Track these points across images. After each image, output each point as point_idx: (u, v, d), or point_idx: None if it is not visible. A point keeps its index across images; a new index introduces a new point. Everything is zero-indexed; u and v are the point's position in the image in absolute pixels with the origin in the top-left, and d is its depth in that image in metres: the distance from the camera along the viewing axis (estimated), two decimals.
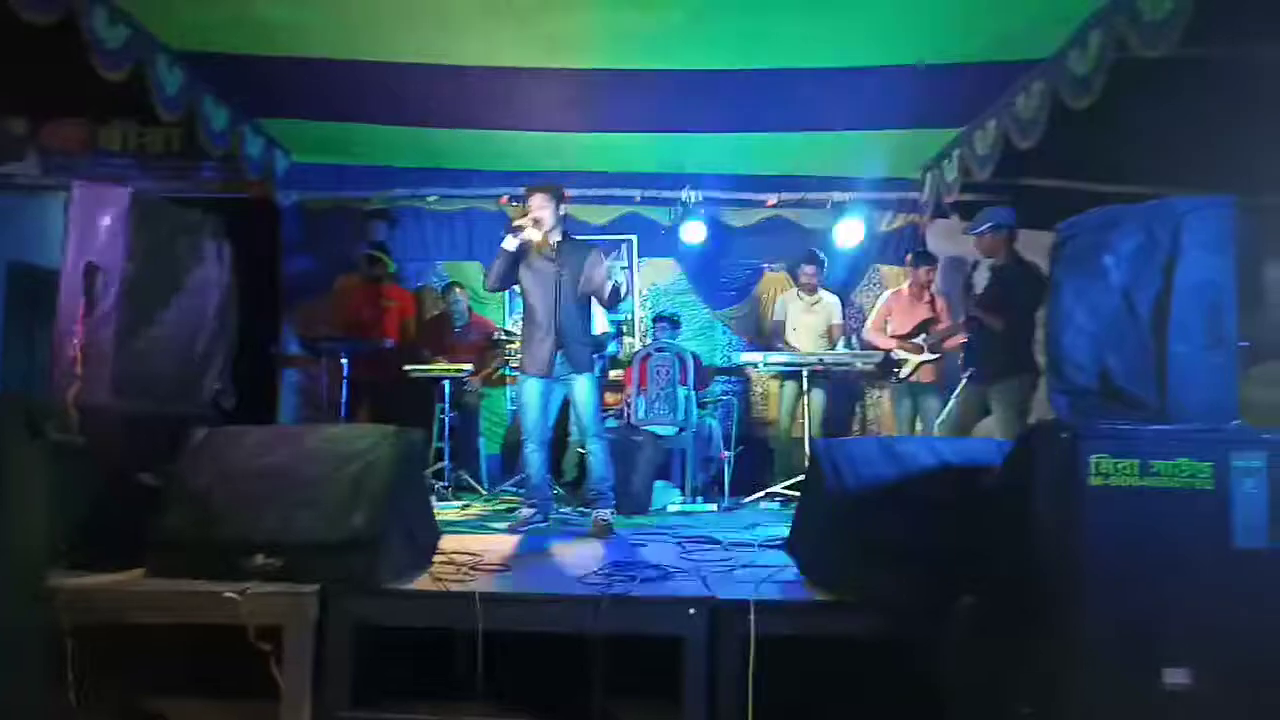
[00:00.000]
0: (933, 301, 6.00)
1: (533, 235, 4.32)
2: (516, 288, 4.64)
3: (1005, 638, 2.30)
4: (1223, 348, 2.59)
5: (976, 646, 2.39)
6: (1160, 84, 4.07)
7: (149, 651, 2.82)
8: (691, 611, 2.71)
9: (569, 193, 6.50)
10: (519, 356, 4.70)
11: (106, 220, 3.19)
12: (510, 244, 4.31)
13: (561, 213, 4.45)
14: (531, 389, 4.45)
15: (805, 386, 5.86)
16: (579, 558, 3.62)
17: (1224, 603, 2.10)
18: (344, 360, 5.80)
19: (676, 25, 4.33)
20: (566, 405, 5.04)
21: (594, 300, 4.59)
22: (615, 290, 4.43)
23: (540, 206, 4.36)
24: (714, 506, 5.60)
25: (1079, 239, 3.05)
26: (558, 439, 6.02)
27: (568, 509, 5.18)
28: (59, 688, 2.52)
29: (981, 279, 5.12)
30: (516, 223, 4.32)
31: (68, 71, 4.16)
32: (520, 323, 4.76)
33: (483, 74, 4.91)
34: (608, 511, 4.44)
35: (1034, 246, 4.83)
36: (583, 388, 4.45)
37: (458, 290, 6.50)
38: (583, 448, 4.58)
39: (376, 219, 6.83)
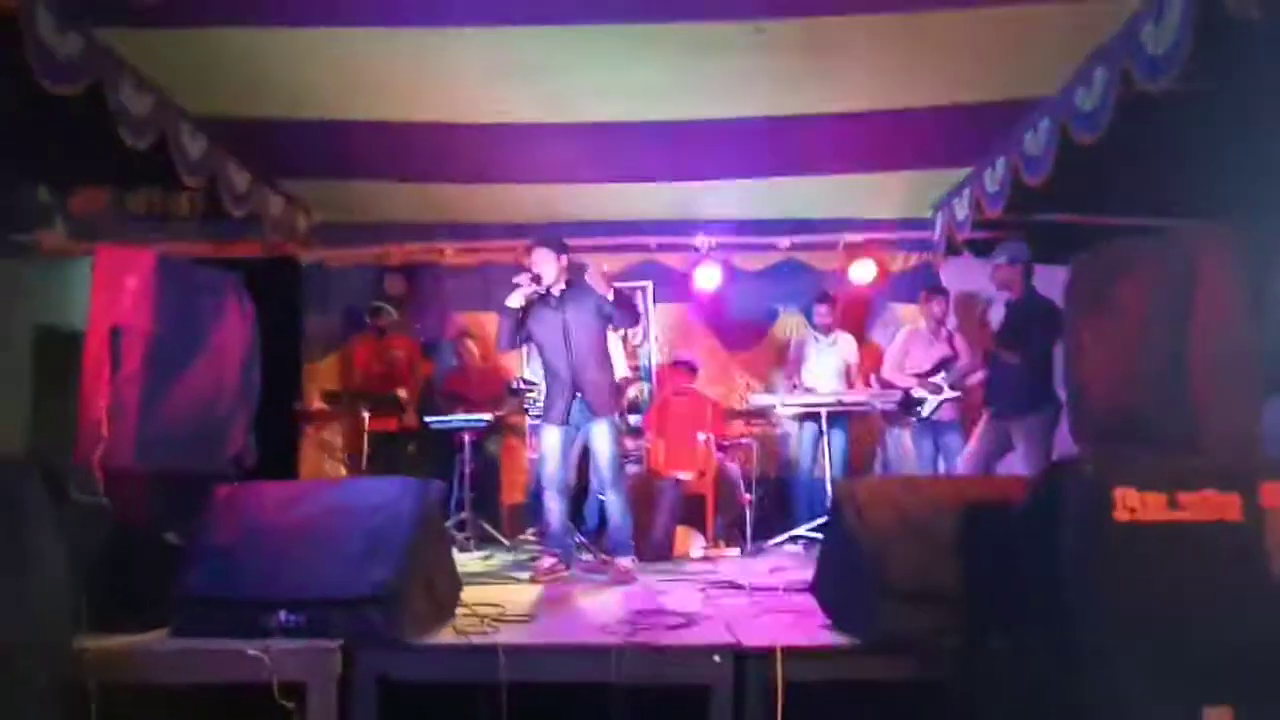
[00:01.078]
0: (950, 339, 5.99)
1: (533, 290, 4.35)
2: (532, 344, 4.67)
3: (1036, 678, 2.25)
4: (1245, 376, 2.57)
5: (1007, 688, 2.34)
6: (1167, 117, 4.09)
7: (174, 711, 2.81)
8: (716, 659, 2.68)
9: (588, 242, 6.62)
10: (539, 404, 4.73)
11: (131, 283, 3.26)
12: (514, 301, 4.36)
13: (563, 263, 4.47)
14: (551, 437, 4.46)
15: (825, 427, 5.84)
16: (602, 606, 3.60)
17: (1261, 637, 2.05)
18: (365, 414, 5.85)
19: (681, 78, 4.41)
20: (586, 452, 5.04)
21: (611, 346, 4.64)
22: (614, 310, 4.44)
23: (541, 261, 4.40)
24: (737, 551, 5.55)
25: (1093, 272, 3.06)
26: (579, 487, 6.00)
27: (589, 557, 5.15)
28: None
29: (997, 314, 5.11)
30: (516, 280, 4.36)
31: (94, 139, 4.27)
32: (540, 370, 4.80)
33: (493, 130, 5.00)
34: (628, 559, 4.42)
35: (1047, 281, 4.83)
36: (601, 435, 4.45)
37: (470, 341, 6.55)
38: (603, 495, 4.57)
39: (394, 274, 6.91)
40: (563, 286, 4.48)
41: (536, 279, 4.36)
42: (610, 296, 4.47)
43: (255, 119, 4.82)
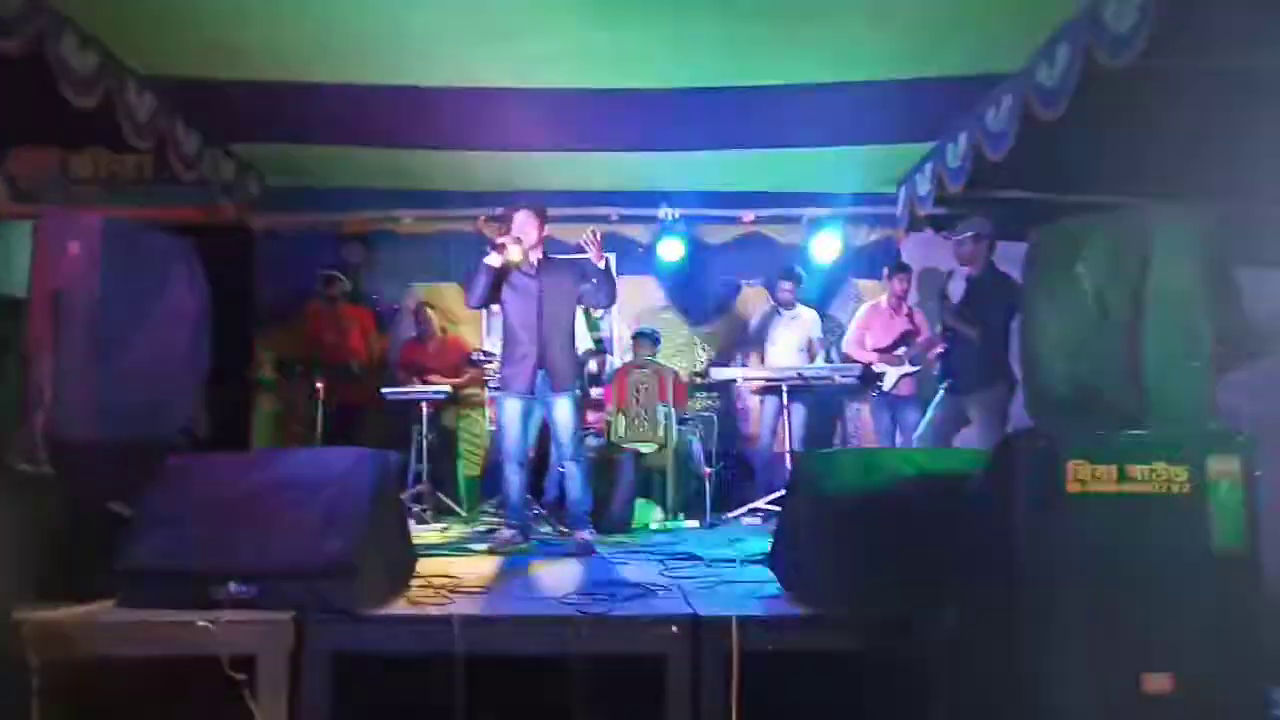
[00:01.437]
0: (911, 314, 6.04)
1: (515, 254, 4.32)
2: (495, 307, 4.63)
3: (987, 648, 2.29)
4: (1195, 352, 2.61)
5: (959, 656, 2.38)
6: (1128, 95, 4.13)
7: (120, 684, 2.75)
8: (674, 629, 2.69)
9: (549, 212, 6.54)
10: (498, 376, 4.69)
11: (75, 247, 3.15)
12: (494, 260, 4.31)
13: (545, 232, 4.49)
14: (511, 409, 4.43)
15: (785, 401, 5.87)
16: (560, 578, 3.59)
17: (1202, 606, 2.10)
18: (318, 384, 5.76)
19: (650, 45, 4.35)
20: (547, 425, 5.02)
21: (577, 318, 4.62)
22: (601, 282, 4.43)
23: (524, 225, 4.39)
24: (696, 523, 5.58)
25: (1050, 247, 3.08)
26: (539, 459, 5.98)
27: (548, 530, 5.14)
28: None
29: (957, 289, 5.15)
30: (499, 240, 4.33)
31: (37, 99, 4.11)
32: (500, 342, 4.75)
33: (456, 95, 4.90)
34: (587, 532, 4.42)
35: (1007, 257, 4.88)
36: (563, 408, 4.43)
37: (429, 311, 6.47)
38: (562, 468, 4.56)
39: (350, 242, 6.79)
40: (539, 255, 4.44)
41: (519, 241, 4.32)
42: (597, 263, 4.44)
43: (206, 79, 4.66)
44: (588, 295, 4.49)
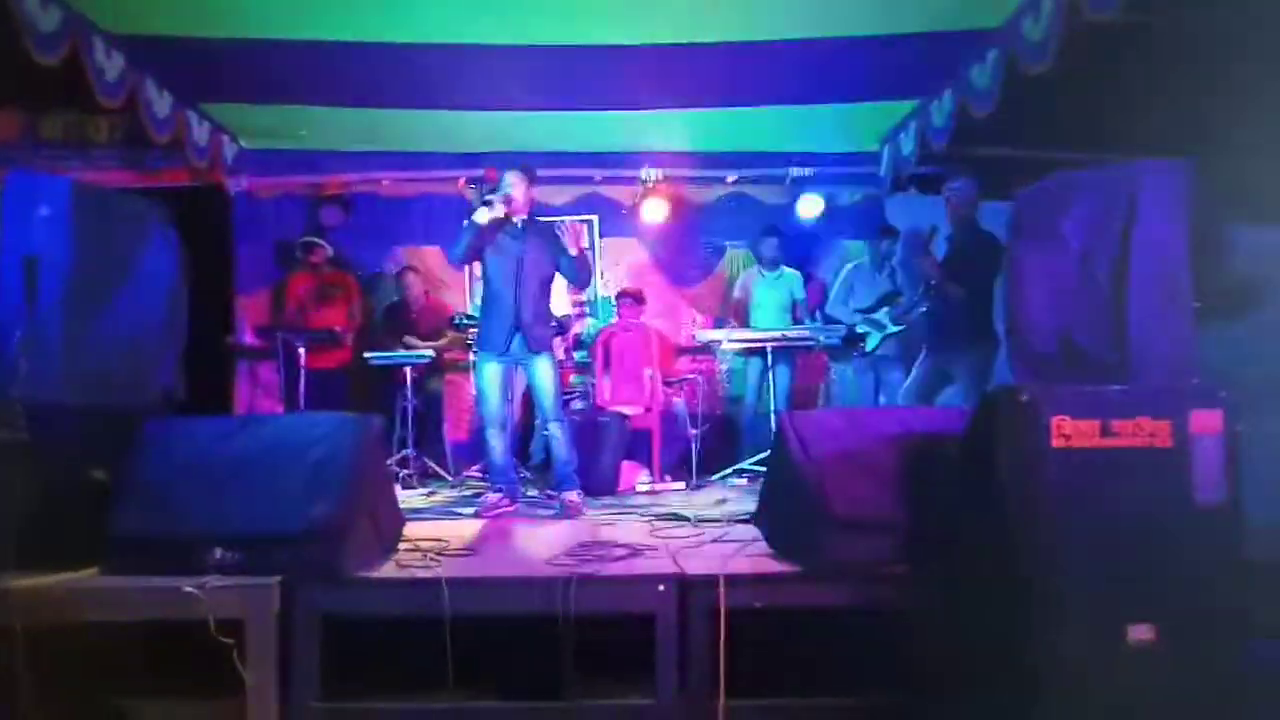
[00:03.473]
0: (894, 274, 6.04)
1: (500, 212, 4.28)
2: (476, 267, 4.60)
3: (973, 601, 2.31)
4: (1179, 308, 2.62)
5: (944, 611, 2.41)
6: (1114, 50, 4.10)
7: (107, 651, 2.74)
8: (661, 588, 2.70)
9: None
10: (474, 335, 4.67)
11: (45, 211, 3.07)
12: (481, 217, 4.27)
13: (533, 193, 4.50)
14: (490, 373, 4.41)
15: (770, 362, 5.87)
16: (547, 539, 3.60)
17: (1185, 559, 2.13)
18: (300, 349, 5.71)
19: (631, 1, 4.28)
20: (530, 389, 5.00)
21: (558, 281, 4.58)
22: (580, 260, 4.43)
23: (514, 184, 4.36)
24: (682, 485, 5.60)
25: (1036, 205, 3.07)
26: (525, 422, 5.97)
27: (535, 492, 5.15)
28: (13, 691, 2.44)
29: (939, 248, 5.13)
30: (488, 197, 4.28)
31: (2, 59, 4.00)
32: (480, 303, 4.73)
33: (437, 52, 4.80)
34: (575, 492, 4.43)
35: (991, 217, 4.87)
36: (543, 369, 4.42)
37: (412, 275, 6.41)
38: (546, 430, 4.55)
39: (330, 204, 6.69)
40: (525, 216, 4.42)
41: (507, 200, 4.29)
42: (576, 252, 4.44)
43: (177, 37, 4.54)
44: (565, 268, 4.46)
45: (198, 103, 5.56)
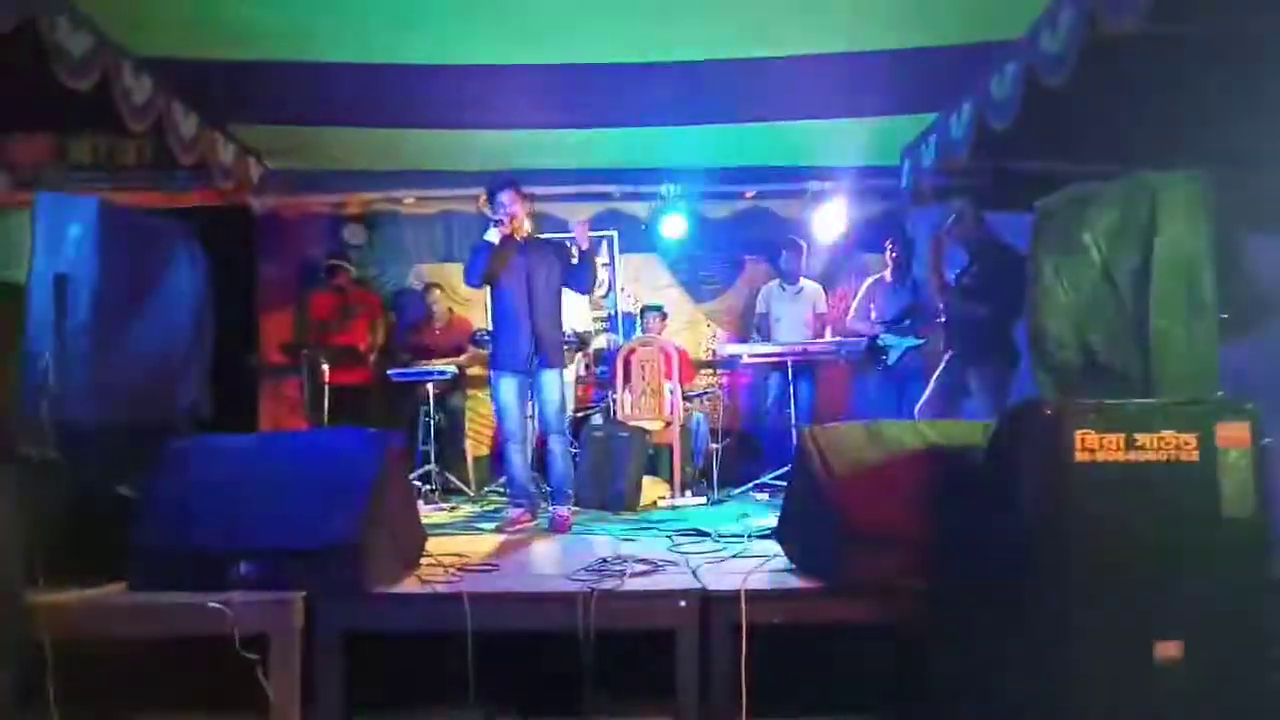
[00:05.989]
0: (915, 287, 6.01)
1: (506, 231, 4.34)
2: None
3: (994, 618, 2.29)
4: (1203, 319, 2.59)
5: (965, 627, 2.38)
6: (1134, 62, 4.07)
7: (133, 666, 2.77)
8: (682, 603, 2.70)
9: (550, 190, 6.53)
10: (491, 355, 4.70)
11: (75, 230, 3.14)
12: (493, 236, 4.32)
13: (530, 208, 4.56)
14: (508, 389, 4.43)
15: (790, 376, 5.86)
16: (568, 555, 3.60)
17: (1211, 574, 2.10)
18: (324, 366, 5.76)
19: (649, 18, 4.30)
20: None
21: (574, 293, 4.62)
22: (582, 264, 4.45)
23: (509, 202, 4.41)
24: (703, 500, 5.58)
25: (1056, 217, 3.06)
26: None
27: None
28: (40, 706, 2.47)
29: (956, 258, 5.10)
30: (496, 217, 4.33)
31: (33, 84, 4.08)
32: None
33: (456, 73, 4.85)
34: (566, 508, 4.45)
35: (1013, 229, 4.83)
36: (551, 383, 4.45)
37: (437, 292, 6.46)
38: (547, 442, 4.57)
39: (352, 223, 6.77)
40: (526, 232, 4.47)
41: (512, 218, 4.34)
42: (582, 247, 4.48)
43: (204, 60, 4.62)
44: (570, 279, 4.51)
45: (224, 124, 5.65)
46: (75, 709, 2.53)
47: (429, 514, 4.90)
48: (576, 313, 6.16)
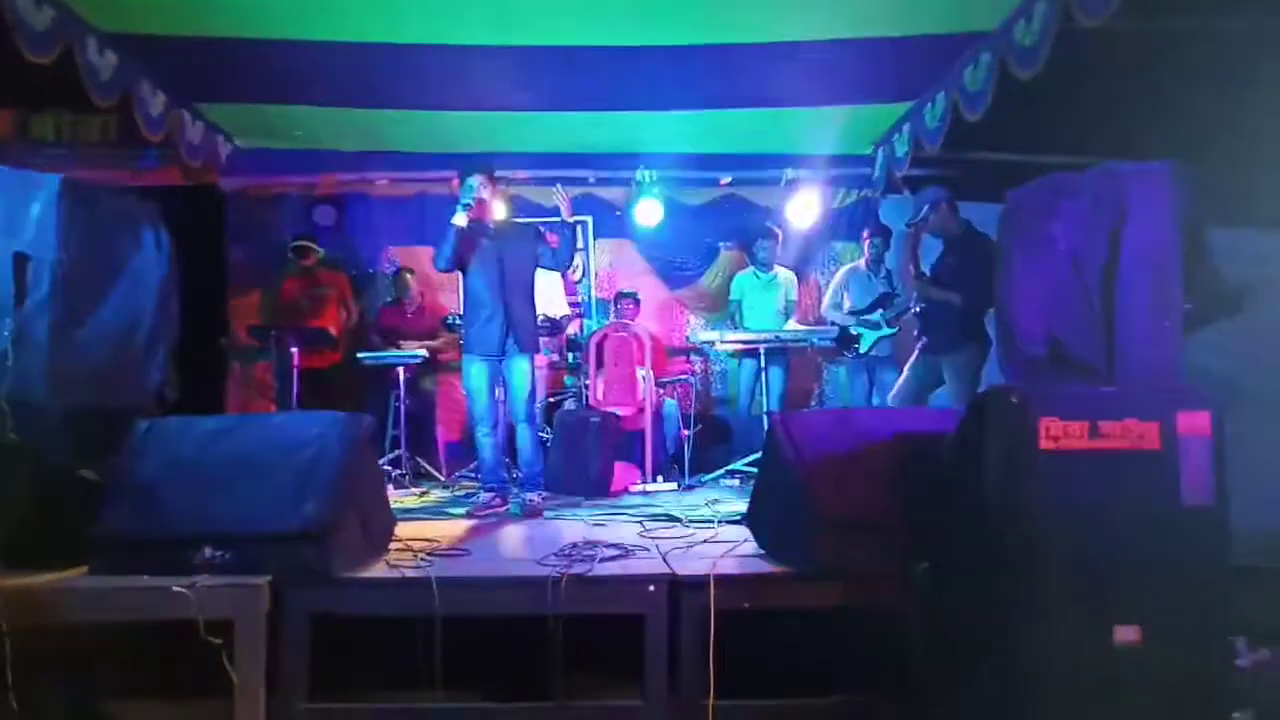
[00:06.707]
0: (889, 276, 6.04)
1: (474, 215, 4.31)
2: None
3: (961, 602, 2.32)
4: (1168, 311, 2.63)
5: (934, 612, 2.41)
6: (1106, 55, 4.11)
7: (95, 651, 2.74)
8: (651, 588, 2.70)
9: (525, 174, 6.50)
10: (463, 339, 4.69)
11: (35, 208, 3.07)
12: (461, 220, 4.28)
13: (496, 192, 4.54)
14: (479, 374, 4.41)
15: (763, 364, 5.88)
16: (538, 540, 3.60)
17: (1171, 560, 2.13)
18: (293, 349, 5.70)
19: (625, 1, 4.28)
20: None
21: (545, 276, 4.62)
22: (563, 240, 4.49)
23: (483, 186, 4.37)
24: (674, 485, 5.60)
25: (1026, 207, 3.08)
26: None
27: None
28: None
29: (930, 246, 5.12)
30: (466, 201, 4.29)
31: None
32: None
33: (430, 53, 4.80)
34: (537, 494, 4.44)
35: (985, 219, 4.86)
36: (520, 369, 4.42)
37: (408, 275, 6.41)
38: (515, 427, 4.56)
39: (323, 204, 6.68)
40: (498, 217, 4.44)
41: (478, 204, 4.32)
42: (566, 219, 4.52)
43: (172, 37, 4.53)
44: (544, 257, 4.49)
45: (192, 102, 5.55)
46: (35, 695, 2.49)
47: (399, 498, 4.88)
48: (550, 298, 6.13)
